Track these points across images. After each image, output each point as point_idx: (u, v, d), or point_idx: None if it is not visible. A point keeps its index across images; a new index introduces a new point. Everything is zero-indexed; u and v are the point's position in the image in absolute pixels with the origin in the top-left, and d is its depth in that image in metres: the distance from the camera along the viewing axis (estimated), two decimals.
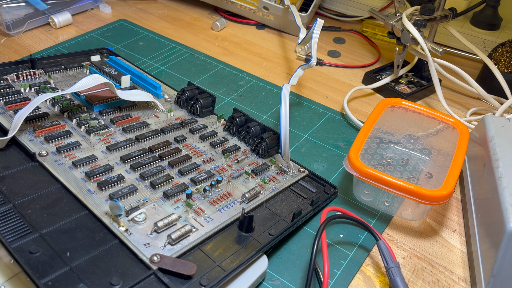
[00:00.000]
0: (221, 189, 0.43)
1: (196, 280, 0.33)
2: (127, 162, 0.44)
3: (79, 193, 0.39)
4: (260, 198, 0.43)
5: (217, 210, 0.41)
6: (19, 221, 0.34)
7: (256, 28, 0.81)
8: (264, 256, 0.38)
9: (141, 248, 0.35)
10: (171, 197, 0.40)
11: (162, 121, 0.52)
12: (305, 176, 0.48)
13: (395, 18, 0.61)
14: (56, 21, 0.75)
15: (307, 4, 0.77)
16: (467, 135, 0.48)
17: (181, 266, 0.33)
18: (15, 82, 0.52)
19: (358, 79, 0.69)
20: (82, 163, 0.42)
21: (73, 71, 0.58)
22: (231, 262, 0.35)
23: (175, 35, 0.77)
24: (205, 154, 0.47)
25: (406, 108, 0.52)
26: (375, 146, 0.47)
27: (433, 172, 0.44)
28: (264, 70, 0.69)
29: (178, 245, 0.36)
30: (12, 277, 0.34)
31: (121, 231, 0.36)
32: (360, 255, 0.43)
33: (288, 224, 0.41)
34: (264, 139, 0.48)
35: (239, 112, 0.52)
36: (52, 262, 0.32)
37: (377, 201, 0.47)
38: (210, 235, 0.38)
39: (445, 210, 0.48)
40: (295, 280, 0.40)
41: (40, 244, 0.33)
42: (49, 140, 0.44)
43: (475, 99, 0.65)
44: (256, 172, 0.46)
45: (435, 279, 0.41)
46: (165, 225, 0.37)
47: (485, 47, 0.73)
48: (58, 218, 0.36)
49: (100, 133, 0.47)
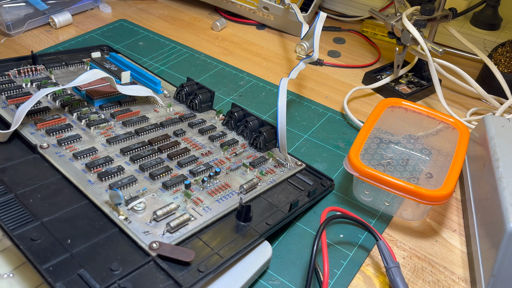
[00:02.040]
0: (219, 180, 0.44)
1: (194, 267, 0.34)
2: (127, 154, 0.44)
3: (80, 183, 0.39)
4: (258, 190, 0.44)
5: (215, 200, 0.41)
6: (21, 210, 0.35)
7: (256, 28, 0.81)
8: (268, 245, 0.39)
9: (141, 236, 0.35)
10: (170, 187, 0.41)
11: (161, 116, 0.52)
12: (302, 169, 0.49)
13: (395, 18, 0.61)
14: (56, 21, 0.75)
15: (307, 4, 0.77)
16: (467, 135, 0.48)
17: (179, 253, 0.34)
18: (16, 78, 0.53)
19: (358, 79, 0.69)
20: (83, 155, 0.43)
21: (74, 67, 0.59)
22: (229, 250, 0.36)
23: (175, 35, 0.77)
24: (204, 148, 0.48)
25: (406, 108, 0.52)
26: (375, 146, 0.47)
27: (433, 172, 0.44)
28: (264, 70, 0.69)
29: (176, 233, 0.37)
30: (20, 265, 0.34)
31: (121, 220, 0.37)
32: (360, 255, 0.43)
33: (285, 214, 0.41)
34: (262, 133, 0.49)
35: (237, 107, 0.52)
36: (53, 248, 0.33)
37: (377, 201, 0.47)
38: (208, 224, 0.38)
39: (445, 210, 0.48)
40: (295, 280, 0.40)
41: (41, 232, 0.34)
42: (50, 133, 0.45)
43: (475, 99, 0.65)
44: (254, 165, 0.46)
45: (435, 279, 0.41)
46: (164, 213, 0.37)
47: (485, 47, 0.73)
48: (59, 207, 0.36)
49: (100, 126, 0.47)
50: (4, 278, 0.33)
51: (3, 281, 0.32)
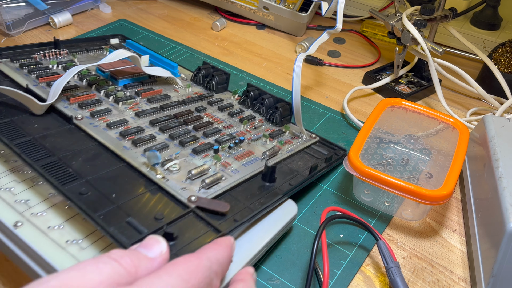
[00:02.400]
0: (243, 148, 0.47)
1: (230, 217, 0.37)
2: (156, 126, 0.47)
3: (116, 149, 0.42)
4: (279, 157, 0.47)
5: (241, 164, 0.44)
6: (66, 170, 0.38)
7: (256, 28, 0.81)
8: (294, 203, 0.42)
9: (179, 191, 0.38)
10: (200, 152, 0.44)
11: (181, 95, 0.55)
12: (317, 141, 0.53)
13: (395, 18, 0.61)
14: (56, 21, 0.75)
15: (307, 4, 0.77)
16: (467, 135, 0.48)
17: (216, 205, 0.37)
18: (42, 61, 0.56)
19: (358, 79, 0.69)
20: (116, 125, 0.45)
21: (93, 53, 0.61)
22: (259, 205, 0.39)
23: (175, 35, 0.77)
24: (225, 122, 0.51)
25: (406, 108, 0.52)
26: (375, 146, 0.47)
27: (433, 172, 0.44)
28: (264, 70, 0.69)
29: (210, 189, 0.40)
30: (68, 219, 0.37)
31: (159, 178, 0.39)
32: (360, 255, 0.43)
33: (306, 177, 0.45)
34: (278, 108, 0.52)
35: (253, 86, 0.56)
36: (101, 201, 0.35)
37: (377, 201, 0.47)
38: (238, 184, 0.41)
39: (445, 210, 0.48)
40: (295, 280, 0.40)
41: (88, 188, 0.36)
42: (83, 106, 0.47)
43: (475, 99, 0.65)
44: (272, 136, 0.50)
45: (435, 279, 0.41)
46: (198, 172, 0.40)
47: (485, 47, 0.73)
48: (100, 168, 0.39)
49: (128, 102, 0.50)
50: (55, 229, 0.36)
51: (54, 232, 0.36)
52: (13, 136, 0.40)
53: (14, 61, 0.53)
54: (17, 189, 0.39)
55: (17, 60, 0.53)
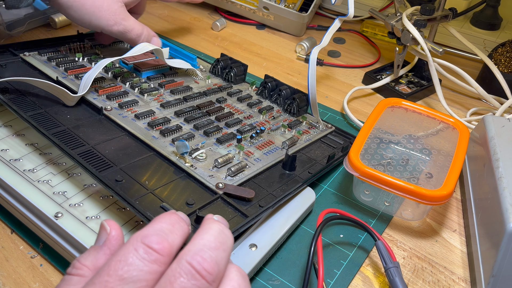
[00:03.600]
0: (263, 138, 0.49)
1: (255, 203, 0.39)
2: (181, 116, 0.49)
3: (146, 138, 0.44)
4: (297, 146, 0.50)
5: (263, 153, 0.47)
6: (100, 158, 0.40)
7: (256, 28, 0.81)
8: (312, 191, 0.45)
9: (207, 178, 0.41)
10: (224, 142, 0.46)
11: (202, 86, 0.57)
12: (332, 131, 0.55)
13: (395, 18, 0.61)
14: (56, 21, 0.75)
15: (307, 4, 0.77)
16: (467, 135, 0.48)
17: (242, 191, 0.39)
18: (68, 53, 0.58)
19: (358, 79, 0.69)
20: (143, 116, 0.47)
21: (115, 45, 0.64)
22: (281, 191, 0.42)
23: (175, 35, 0.77)
24: (245, 112, 0.53)
25: (406, 108, 0.52)
26: (375, 146, 0.47)
27: (433, 172, 0.44)
28: (264, 70, 0.69)
29: (236, 177, 0.42)
30: (104, 209, 0.40)
31: (188, 166, 0.41)
32: (360, 255, 0.43)
33: (324, 165, 0.47)
34: (295, 99, 0.54)
35: (270, 78, 0.58)
36: (135, 187, 0.38)
37: (377, 201, 0.47)
38: (260, 172, 0.44)
39: (445, 210, 0.48)
40: (295, 280, 0.40)
41: (122, 175, 0.39)
42: (111, 98, 0.49)
43: (475, 99, 0.65)
44: (291, 126, 0.52)
45: (435, 279, 0.41)
46: (224, 161, 0.43)
47: (485, 47, 0.73)
48: (131, 157, 0.41)
49: (153, 93, 0.52)
50: (92, 219, 0.39)
51: (92, 222, 0.38)
52: (49, 126, 0.42)
53: (42, 54, 0.55)
54: (54, 181, 0.42)
55: (45, 53, 0.55)
